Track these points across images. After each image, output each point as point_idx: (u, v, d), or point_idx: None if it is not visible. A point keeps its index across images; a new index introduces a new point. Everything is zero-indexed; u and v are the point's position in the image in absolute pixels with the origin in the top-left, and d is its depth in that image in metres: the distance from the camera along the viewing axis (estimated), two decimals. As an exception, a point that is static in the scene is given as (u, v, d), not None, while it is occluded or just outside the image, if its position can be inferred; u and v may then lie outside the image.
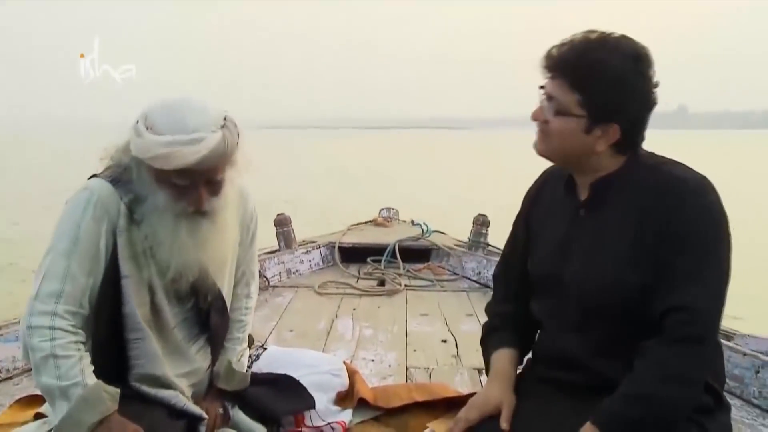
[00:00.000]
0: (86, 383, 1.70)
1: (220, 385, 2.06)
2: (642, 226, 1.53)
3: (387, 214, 6.44)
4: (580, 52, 1.54)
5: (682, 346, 1.46)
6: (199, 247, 1.82)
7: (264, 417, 2.12)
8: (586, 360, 1.63)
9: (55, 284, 1.72)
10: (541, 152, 1.65)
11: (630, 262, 1.54)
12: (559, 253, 1.69)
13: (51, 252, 1.77)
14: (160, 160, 1.68)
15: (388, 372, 2.93)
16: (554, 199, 1.77)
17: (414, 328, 3.61)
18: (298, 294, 4.35)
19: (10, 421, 2.21)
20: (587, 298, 1.61)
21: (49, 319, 1.70)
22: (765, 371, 2.48)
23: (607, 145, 1.57)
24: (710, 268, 1.49)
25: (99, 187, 1.80)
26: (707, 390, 1.56)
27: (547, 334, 1.79)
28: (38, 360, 1.70)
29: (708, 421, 1.55)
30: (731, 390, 2.58)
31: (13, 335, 2.78)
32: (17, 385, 2.67)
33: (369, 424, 2.30)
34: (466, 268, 4.88)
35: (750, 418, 2.40)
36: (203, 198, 1.78)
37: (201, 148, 1.67)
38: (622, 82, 1.51)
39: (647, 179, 1.56)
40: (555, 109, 1.56)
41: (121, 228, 1.80)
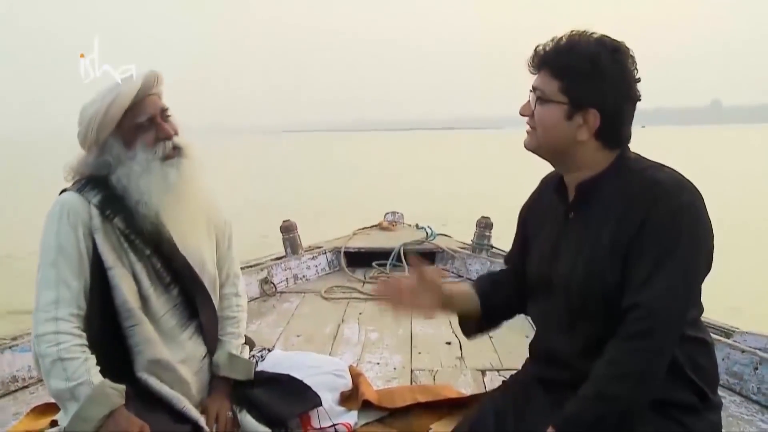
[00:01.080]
0: (92, 382, 1.81)
1: (225, 373, 2.14)
2: (618, 228, 1.57)
3: (392, 218, 6.48)
4: (561, 44, 1.62)
5: (632, 341, 1.49)
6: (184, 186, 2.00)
7: (271, 419, 2.18)
8: (573, 359, 1.67)
9: (50, 293, 1.86)
10: (529, 146, 1.71)
11: (608, 263, 1.58)
12: (549, 255, 1.75)
13: (40, 266, 1.92)
14: (113, 108, 1.91)
15: (393, 375, 2.98)
16: (548, 204, 1.83)
17: (419, 331, 3.66)
18: (305, 299, 4.41)
19: (27, 429, 2.29)
20: (572, 297, 1.66)
21: (53, 324, 1.84)
22: (763, 368, 2.52)
23: (590, 134, 1.61)
24: (669, 267, 1.50)
25: (67, 198, 1.96)
26: (690, 388, 1.59)
27: (539, 334, 1.85)
28: (47, 365, 1.82)
29: (692, 421, 1.57)
30: (731, 386, 2.62)
31: (28, 345, 2.85)
32: (33, 393, 2.74)
33: (374, 426, 2.36)
34: (471, 270, 4.93)
35: (749, 414, 2.44)
36: (166, 127, 1.99)
37: (135, 81, 1.95)
38: (597, 66, 1.57)
39: (630, 183, 1.60)
40: (538, 97, 1.64)
41: (95, 227, 1.94)
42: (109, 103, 1.91)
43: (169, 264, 2.02)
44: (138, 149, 1.95)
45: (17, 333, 3.05)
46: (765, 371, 2.51)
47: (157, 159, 1.95)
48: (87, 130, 1.95)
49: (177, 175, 1.97)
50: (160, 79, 2.01)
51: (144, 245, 1.98)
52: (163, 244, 2.01)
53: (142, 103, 1.96)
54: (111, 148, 1.96)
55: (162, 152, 1.96)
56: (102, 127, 1.93)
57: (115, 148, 1.96)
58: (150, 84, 1.98)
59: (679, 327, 1.55)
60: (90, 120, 1.93)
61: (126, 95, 1.92)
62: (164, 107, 2.01)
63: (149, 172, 1.94)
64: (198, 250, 2.11)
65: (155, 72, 1.99)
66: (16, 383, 2.78)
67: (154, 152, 1.96)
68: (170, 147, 1.98)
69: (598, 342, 1.60)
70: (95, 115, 1.92)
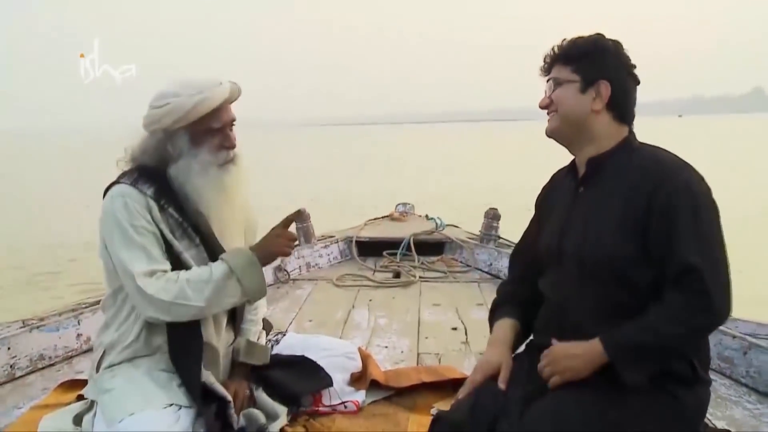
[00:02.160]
0: (214, 268, 2.08)
1: (243, 359, 2.29)
2: (629, 201, 1.74)
3: (403, 209, 6.63)
4: (567, 42, 1.88)
5: (691, 296, 1.63)
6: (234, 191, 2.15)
7: (285, 397, 2.34)
8: (582, 323, 1.80)
9: (144, 266, 2.01)
10: (551, 129, 1.91)
11: (619, 232, 1.74)
12: (560, 228, 1.91)
13: (122, 248, 2.03)
14: (200, 106, 2.02)
15: (401, 357, 3.12)
16: (561, 189, 2.01)
17: (426, 317, 3.80)
18: (317, 286, 4.56)
19: (56, 402, 2.45)
20: (584, 265, 1.81)
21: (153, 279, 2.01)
22: (752, 352, 2.64)
23: (603, 104, 1.82)
24: (706, 233, 1.68)
25: (126, 190, 2.08)
26: (685, 363, 1.73)
27: (548, 303, 1.97)
28: (178, 303, 2.01)
29: (682, 393, 1.72)
30: (722, 370, 2.75)
31: (54, 325, 3.03)
32: (59, 371, 2.90)
33: (380, 404, 2.50)
34: (478, 260, 5.06)
35: (737, 396, 2.56)
36: (233, 137, 2.14)
37: (225, 87, 2.09)
38: (603, 46, 1.86)
39: (635, 161, 1.80)
40: (554, 83, 1.88)
41: (156, 217, 2.07)
42: (197, 101, 2.02)
43: (212, 254, 2.15)
44: (203, 150, 2.08)
45: (43, 314, 3.22)
46: (754, 356, 2.63)
47: (215, 164, 2.08)
48: (163, 115, 2.03)
49: (229, 181, 2.11)
50: (241, 91, 2.14)
51: (194, 235, 2.13)
52: (207, 236, 2.15)
53: (222, 110, 2.09)
54: (177, 140, 2.08)
55: (223, 160, 2.10)
56: (181, 119, 2.03)
57: (182, 141, 2.07)
58: (235, 95, 2.11)
59: (730, 293, 1.68)
60: (173, 108, 2.02)
61: (216, 99, 2.05)
62: (234, 118, 2.14)
63: (206, 174, 2.07)
64: (232, 243, 2.23)
65: (238, 85, 2.13)
66: (43, 361, 2.94)
67: (216, 157, 2.09)
68: (230, 156, 2.12)
69: (607, 307, 1.77)
70: (179, 105, 2.01)
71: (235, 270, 2.07)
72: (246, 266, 2.09)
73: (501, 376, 1.86)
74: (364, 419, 2.36)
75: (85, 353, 3.09)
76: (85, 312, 3.21)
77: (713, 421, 2.30)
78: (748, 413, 2.41)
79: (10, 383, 2.71)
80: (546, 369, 1.78)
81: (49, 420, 2.23)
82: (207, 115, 2.06)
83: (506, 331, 1.99)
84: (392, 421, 2.34)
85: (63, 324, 3.06)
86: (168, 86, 2.09)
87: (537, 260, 2.02)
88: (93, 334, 3.10)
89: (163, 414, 1.97)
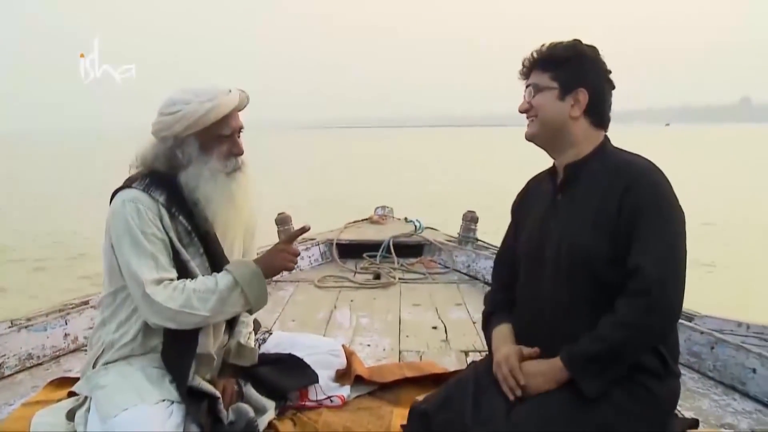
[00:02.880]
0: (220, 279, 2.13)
1: (233, 360, 2.35)
2: (603, 204, 1.84)
3: (382, 212, 6.72)
4: (543, 48, 1.94)
5: (635, 299, 1.73)
6: (241, 199, 2.21)
7: (273, 392, 2.41)
8: (560, 323, 1.90)
9: (153, 273, 2.06)
10: (530, 133, 1.98)
11: (594, 233, 1.83)
12: (539, 233, 1.99)
13: (132, 256, 2.07)
14: (211, 113, 2.08)
15: (383, 355, 3.21)
16: (537, 194, 2.10)
17: (407, 317, 3.89)
18: (299, 287, 4.64)
19: (47, 398, 2.50)
20: (560, 266, 1.90)
21: (161, 287, 2.06)
22: (719, 347, 2.77)
23: (581, 111, 1.90)
24: (660, 233, 1.77)
25: (138, 195, 2.12)
26: (657, 356, 1.83)
27: (526, 304, 2.04)
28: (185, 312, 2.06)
29: (654, 385, 1.82)
30: (690, 365, 2.87)
31: (42, 325, 3.07)
32: (47, 370, 2.94)
33: (365, 398, 2.58)
34: (457, 262, 5.17)
35: (704, 389, 2.69)
36: (242, 145, 2.19)
37: (235, 95, 2.14)
38: (581, 54, 1.92)
39: (608, 165, 1.89)
40: (534, 89, 1.94)
41: (166, 224, 2.12)
42: (208, 108, 2.06)
43: (213, 260, 2.21)
44: (212, 157, 2.12)
45: (30, 315, 3.26)
46: (720, 350, 2.76)
47: (224, 171, 2.13)
48: (174, 122, 2.08)
49: (237, 188, 2.16)
50: (249, 99, 2.20)
51: (199, 243, 2.18)
52: (210, 243, 2.20)
53: (231, 117, 2.15)
54: (187, 147, 2.11)
55: (231, 167, 2.15)
56: (192, 125, 2.07)
57: (192, 148, 2.11)
58: (243, 103, 2.17)
59: (676, 287, 1.77)
60: (184, 115, 2.06)
61: (226, 106, 2.10)
62: (242, 126, 2.20)
63: (215, 180, 2.11)
64: (232, 247, 2.30)
65: (246, 93, 2.19)
66: (32, 360, 2.98)
67: (225, 165, 2.13)
68: (239, 164, 2.17)
69: (583, 306, 1.85)
70: (191, 112, 2.06)
71: (240, 282, 2.12)
72: (250, 278, 2.14)
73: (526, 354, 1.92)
74: (350, 413, 2.44)
75: (72, 352, 3.14)
76: (72, 312, 3.25)
77: (682, 412, 2.41)
78: (714, 404, 2.54)
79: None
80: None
81: (42, 416, 2.27)
82: (217, 123, 2.10)
83: (506, 334, 2.04)
84: (376, 415, 2.42)
85: (50, 324, 3.10)
86: (178, 93, 2.13)
87: (518, 266, 2.10)
88: (80, 333, 3.16)
89: (156, 409, 2.02)
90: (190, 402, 2.12)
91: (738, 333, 2.85)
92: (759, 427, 2.31)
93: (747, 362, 2.60)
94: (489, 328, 2.12)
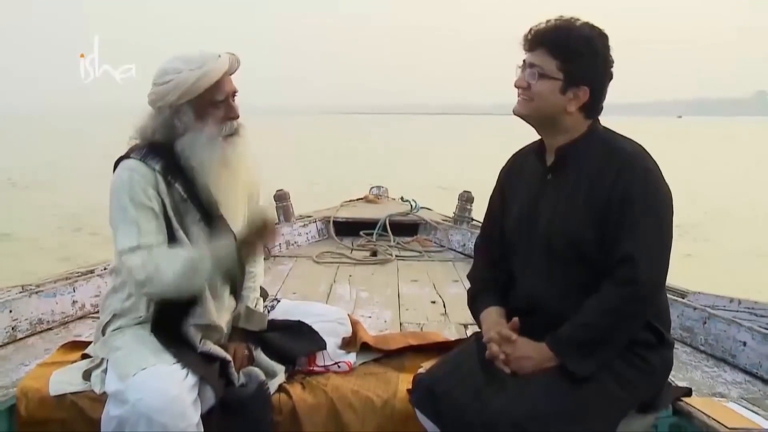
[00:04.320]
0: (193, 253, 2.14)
1: (242, 325, 2.42)
2: (593, 189, 1.89)
3: (377, 192, 6.80)
4: (557, 26, 1.91)
5: (622, 286, 1.81)
6: (238, 162, 2.25)
7: (282, 357, 2.48)
8: (550, 302, 1.98)
9: (132, 241, 2.11)
10: (522, 113, 1.97)
11: (584, 218, 1.89)
12: (531, 210, 2.04)
13: (120, 223, 2.14)
14: (202, 80, 2.12)
15: (385, 326, 3.28)
16: (525, 170, 2.13)
17: (406, 291, 3.98)
18: (297, 263, 4.71)
19: (61, 360, 2.55)
20: (552, 249, 1.96)
21: (136, 254, 2.10)
22: (710, 322, 2.88)
23: (577, 107, 1.91)
24: (649, 222, 1.83)
25: (134, 165, 2.18)
26: (650, 329, 1.93)
27: (519, 284, 2.11)
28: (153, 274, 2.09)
29: (650, 355, 1.93)
30: (683, 339, 2.98)
31: (51, 292, 3.12)
32: (57, 334, 3.00)
33: (371, 365, 2.65)
34: (452, 241, 5.26)
35: (696, 362, 2.79)
36: (236, 108, 2.23)
37: (224, 59, 2.17)
38: (593, 50, 1.89)
39: (599, 149, 1.93)
40: (538, 73, 1.90)
41: (162, 192, 2.18)
42: (199, 74, 2.10)
43: (212, 227, 2.26)
44: (208, 122, 2.17)
45: (39, 281, 3.32)
46: (712, 325, 2.86)
47: (221, 135, 2.18)
48: (168, 92, 2.13)
49: (233, 151, 2.22)
50: (239, 62, 2.23)
51: (197, 210, 2.23)
52: (210, 209, 2.25)
53: (223, 82, 2.18)
54: (183, 115, 2.16)
55: (227, 131, 2.20)
56: (186, 93, 2.12)
57: (187, 116, 2.16)
58: (234, 66, 2.20)
59: (662, 275, 1.87)
60: (176, 84, 2.11)
61: (216, 71, 2.13)
62: (236, 89, 2.22)
63: (212, 145, 2.16)
64: (236, 211, 2.35)
65: (237, 56, 2.22)
66: (42, 325, 3.03)
67: (221, 129, 2.18)
68: (234, 127, 2.22)
69: (574, 287, 1.93)
70: (183, 80, 2.11)
71: (211, 249, 2.15)
72: (221, 247, 2.18)
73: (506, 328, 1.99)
74: (357, 378, 2.51)
75: (80, 319, 3.20)
76: (79, 280, 3.31)
77: (676, 383, 2.52)
78: (706, 375, 2.65)
79: (13, 344, 2.81)
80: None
81: (59, 374, 2.33)
82: (210, 88, 2.14)
83: (495, 317, 2.07)
84: (383, 380, 2.49)
85: (59, 291, 3.15)
86: (168, 63, 2.18)
87: (505, 243, 2.14)
88: (87, 301, 3.23)
89: (173, 369, 2.09)
90: (201, 365, 2.18)
91: (730, 308, 2.96)
92: (748, 395, 2.41)
93: (738, 336, 2.71)
94: (477, 308, 2.17)
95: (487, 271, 2.23)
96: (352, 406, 2.34)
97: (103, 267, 3.51)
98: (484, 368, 1.98)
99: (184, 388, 2.05)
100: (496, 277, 2.18)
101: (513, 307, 2.11)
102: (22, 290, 3.11)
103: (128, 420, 1.99)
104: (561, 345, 1.87)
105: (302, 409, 2.31)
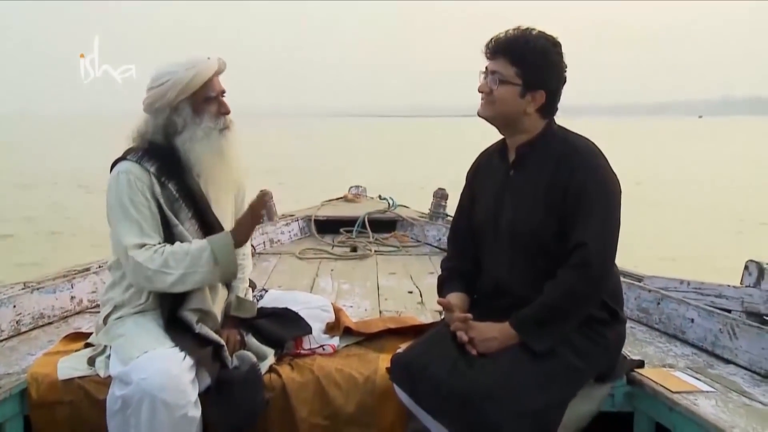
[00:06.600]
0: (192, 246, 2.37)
1: (234, 313, 2.63)
2: (551, 184, 2.13)
3: (356, 191, 7.03)
4: (516, 37, 2.14)
5: (576, 269, 2.05)
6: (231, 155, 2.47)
7: (271, 341, 2.68)
8: (514, 287, 2.21)
9: (137, 238, 2.32)
10: (486, 115, 2.20)
11: (544, 211, 2.13)
12: (495, 205, 2.27)
13: (118, 222, 2.35)
14: (197, 78, 2.35)
15: (365, 314, 3.48)
16: (490, 168, 2.36)
17: (384, 283, 4.20)
18: (281, 259, 4.92)
19: (66, 349, 2.74)
20: (516, 239, 2.20)
21: (143, 250, 2.32)
22: (664, 303, 3.13)
23: (535, 109, 2.15)
24: (599, 212, 2.08)
25: (129, 167, 2.39)
26: (605, 308, 2.17)
27: (487, 271, 2.34)
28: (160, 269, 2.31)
29: (605, 330, 2.17)
30: (640, 319, 3.24)
31: (51, 288, 3.30)
32: (58, 328, 3.17)
33: (353, 347, 2.86)
34: (428, 236, 5.50)
35: (650, 338, 3.04)
36: (227, 104, 2.47)
37: (214, 61, 2.40)
38: (547, 58, 2.14)
39: (556, 147, 2.17)
40: (499, 80, 2.14)
41: (157, 192, 2.39)
42: (194, 74, 2.34)
43: (203, 223, 2.48)
44: (205, 118, 2.40)
45: (40, 279, 3.51)
46: (665, 305, 3.12)
47: (216, 129, 2.41)
48: (166, 91, 2.34)
49: (227, 144, 2.44)
50: (226, 64, 2.47)
51: (188, 208, 2.44)
52: (200, 207, 2.47)
53: (213, 81, 2.42)
54: (182, 111, 2.38)
55: (222, 124, 2.43)
56: (183, 91, 2.34)
57: (185, 112, 2.39)
58: (222, 67, 2.44)
59: (611, 258, 2.10)
60: (173, 83, 2.33)
61: (208, 70, 2.38)
62: (224, 89, 2.47)
63: (209, 138, 2.39)
64: (225, 207, 2.57)
65: (223, 59, 2.45)
66: (43, 319, 3.20)
67: (216, 123, 2.42)
68: (227, 122, 2.45)
69: (535, 273, 2.15)
70: (179, 79, 2.33)
71: (210, 242, 2.39)
72: (219, 240, 2.41)
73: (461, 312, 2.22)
74: (341, 358, 2.72)
75: (78, 313, 3.38)
76: (77, 277, 3.49)
77: (631, 357, 2.77)
78: (658, 350, 2.90)
79: (17, 336, 2.99)
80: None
81: (66, 361, 2.52)
82: (203, 86, 2.39)
83: (456, 303, 2.30)
84: (364, 360, 2.70)
85: (58, 287, 3.33)
86: (162, 68, 2.41)
87: (473, 235, 2.37)
88: (85, 297, 3.42)
89: (172, 352, 2.29)
90: (197, 349, 2.37)
91: (680, 289, 3.21)
92: (693, 365, 2.67)
93: (687, 314, 2.96)
94: (442, 294, 2.40)
95: (453, 261, 2.47)
96: (337, 383, 2.55)
97: (98, 265, 3.71)
98: (455, 347, 2.19)
99: (183, 369, 2.24)
100: (462, 265, 2.41)
101: (481, 291, 2.35)
102: (24, 287, 3.28)
103: (132, 398, 2.18)
104: (522, 324, 2.10)
105: (291, 387, 2.52)
